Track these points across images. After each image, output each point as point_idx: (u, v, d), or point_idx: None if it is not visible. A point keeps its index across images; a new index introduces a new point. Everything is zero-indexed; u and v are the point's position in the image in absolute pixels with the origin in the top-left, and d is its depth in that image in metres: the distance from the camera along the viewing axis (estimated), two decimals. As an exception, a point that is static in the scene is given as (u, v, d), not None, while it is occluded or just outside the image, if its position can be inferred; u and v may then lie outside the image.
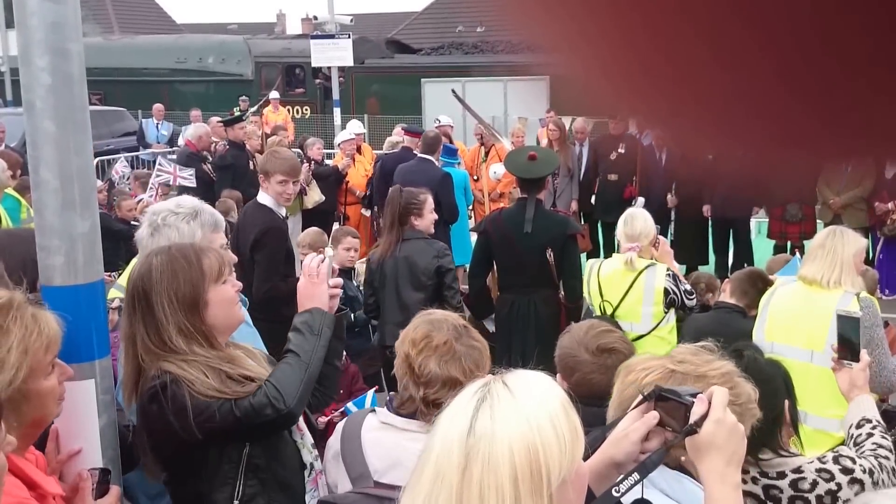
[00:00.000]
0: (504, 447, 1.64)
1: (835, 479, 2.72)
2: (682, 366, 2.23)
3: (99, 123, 18.96)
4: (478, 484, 1.63)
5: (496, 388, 1.72)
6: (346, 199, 11.69)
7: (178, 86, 25.34)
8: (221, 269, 2.75)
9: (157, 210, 3.47)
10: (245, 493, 2.67)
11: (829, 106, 0.43)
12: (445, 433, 1.71)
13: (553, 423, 1.67)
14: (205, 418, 2.55)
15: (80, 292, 2.67)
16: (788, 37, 0.41)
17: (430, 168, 9.16)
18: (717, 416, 1.86)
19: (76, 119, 2.61)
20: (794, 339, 4.35)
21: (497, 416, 1.67)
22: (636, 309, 5.38)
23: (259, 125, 14.45)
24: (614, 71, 0.47)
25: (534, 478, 1.63)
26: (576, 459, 1.69)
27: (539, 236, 6.11)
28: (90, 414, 2.72)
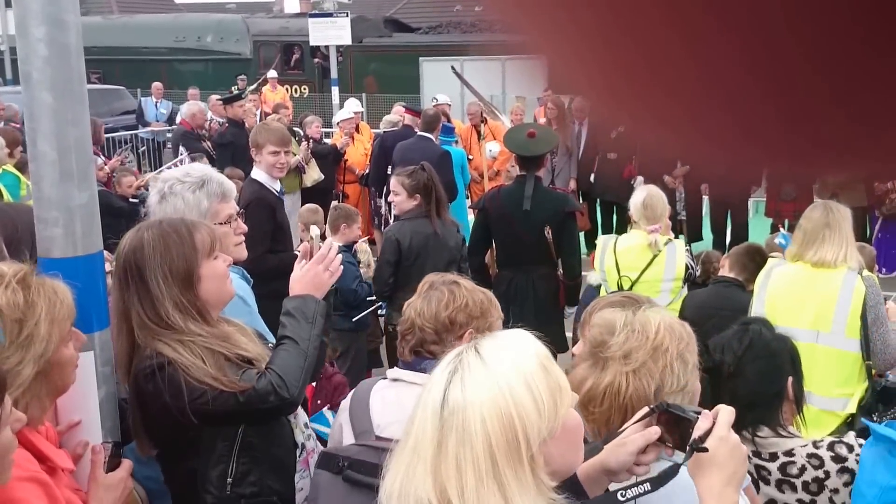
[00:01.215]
0: (476, 417, 1.64)
1: (824, 466, 2.70)
2: None
3: (98, 102, 18.91)
4: (454, 458, 1.64)
5: (468, 357, 1.72)
6: (345, 177, 11.68)
7: (176, 65, 25.26)
8: (213, 244, 2.73)
9: (166, 178, 3.46)
10: (237, 472, 2.68)
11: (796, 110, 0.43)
12: (423, 405, 1.72)
13: (528, 383, 1.68)
14: (203, 402, 2.55)
15: (79, 264, 2.65)
16: (757, 31, 0.41)
17: (429, 146, 9.17)
18: (720, 434, 1.84)
19: (73, 90, 2.59)
20: (799, 321, 4.34)
21: (468, 386, 1.67)
22: (656, 284, 5.40)
23: (257, 104, 14.42)
24: (583, 57, 0.46)
25: (510, 445, 1.63)
26: (559, 415, 1.69)
27: (538, 214, 6.11)
28: (89, 386, 2.70)
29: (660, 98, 0.45)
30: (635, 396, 2.08)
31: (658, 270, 5.40)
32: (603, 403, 2.12)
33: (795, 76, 0.41)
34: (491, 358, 1.71)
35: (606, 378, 2.11)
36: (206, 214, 3.32)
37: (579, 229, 7.42)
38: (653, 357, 2.09)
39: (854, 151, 0.44)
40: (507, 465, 1.63)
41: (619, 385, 2.09)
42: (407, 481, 1.70)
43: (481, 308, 2.83)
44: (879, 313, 4.34)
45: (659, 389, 2.07)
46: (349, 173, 11.64)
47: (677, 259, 5.42)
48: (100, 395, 2.74)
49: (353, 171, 11.56)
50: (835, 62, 0.40)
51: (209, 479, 2.68)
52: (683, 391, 2.10)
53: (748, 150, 0.45)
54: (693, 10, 0.41)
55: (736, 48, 0.41)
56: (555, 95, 12.42)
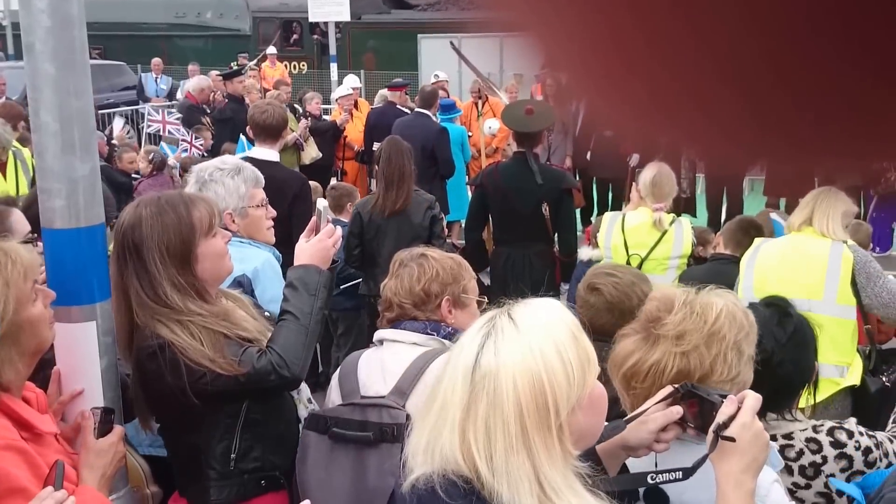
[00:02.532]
0: (508, 382, 1.65)
1: (822, 451, 2.63)
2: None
3: (99, 77, 18.84)
4: (483, 421, 1.65)
5: (501, 321, 1.72)
6: (344, 154, 11.69)
7: (176, 40, 25.18)
8: (212, 220, 2.72)
9: (204, 167, 3.65)
10: (241, 448, 2.70)
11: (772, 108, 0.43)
12: (453, 367, 1.73)
13: (559, 351, 1.68)
14: (203, 383, 2.56)
15: (82, 235, 2.67)
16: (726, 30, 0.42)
17: (426, 122, 9.17)
18: (744, 420, 1.84)
19: (76, 61, 2.60)
20: (791, 291, 4.38)
21: (501, 351, 1.68)
22: (664, 262, 5.44)
23: (257, 79, 14.40)
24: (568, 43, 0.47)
25: (540, 411, 1.64)
26: (587, 384, 1.71)
27: (535, 190, 6.13)
28: (91, 356, 2.73)
29: (628, 82, 0.46)
30: (678, 379, 1.99)
31: (666, 248, 5.43)
32: (646, 380, 2.04)
33: (760, 75, 0.42)
34: (524, 324, 1.71)
35: (654, 355, 2.03)
36: (245, 198, 3.56)
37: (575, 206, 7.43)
38: (707, 343, 2.01)
39: (833, 151, 0.45)
40: (537, 433, 1.64)
41: (665, 364, 2.01)
42: (434, 439, 1.71)
43: (453, 274, 2.90)
44: (872, 270, 4.37)
45: (707, 376, 1.99)
46: (348, 150, 11.64)
47: (685, 236, 5.45)
48: (101, 364, 2.75)
49: (352, 148, 11.56)
50: (798, 65, 0.41)
51: (213, 455, 2.69)
52: (733, 381, 2.02)
53: (723, 147, 0.46)
54: (660, 11, 0.42)
55: (703, 52, 0.42)
56: (554, 72, 12.39)
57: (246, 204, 3.58)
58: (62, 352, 2.73)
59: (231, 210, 3.51)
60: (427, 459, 1.72)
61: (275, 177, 5.88)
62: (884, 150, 0.44)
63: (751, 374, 2.10)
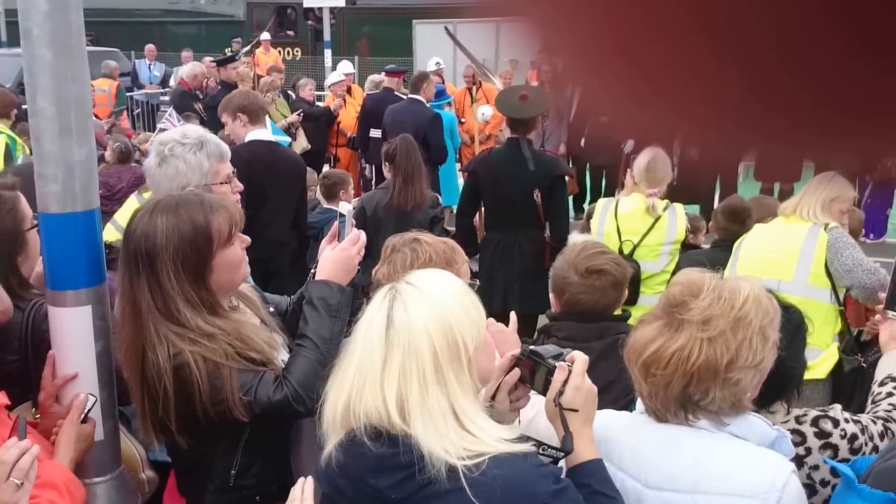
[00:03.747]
0: (421, 329, 1.88)
1: (806, 442, 2.59)
2: None
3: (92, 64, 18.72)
4: (399, 368, 1.86)
5: (402, 286, 1.96)
6: (338, 140, 11.68)
7: (169, 27, 25.13)
8: (231, 229, 2.56)
9: (164, 140, 3.42)
10: (241, 465, 2.64)
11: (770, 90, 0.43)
12: (366, 332, 1.93)
13: (458, 300, 1.95)
14: (221, 410, 2.47)
15: (78, 219, 2.66)
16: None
17: (419, 108, 9.16)
18: (577, 384, 2.07)
19: (73, 45, 2.59)
20: (762, 271, 4.40)
21: (410, 307, 1.91)
22: (657, 248, 5.45)
23: (251, 66, 14.37)
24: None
25: (452, 349, 1.88)
26: (482, 330, 1.97)
27: (528, 176, 6.14)
28: (86, 339, 2.73)
29: (624, 65, 0.47)
30: (704, 366, 1.98)
31: (659, 234, 5.44)
32: (668, 367, 2.02)
33: (762, 59, 0.42)
34: (423, 284, 1.96)
35: (679, 341, 2.01)
36: (207, 175, 3.35)
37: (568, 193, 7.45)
38: (733, 328, 1.98)
39: (832, 134, 0.45)
40: (451, 368, 1.87)
41: (689, 351, 1.99)
42: (355, 401, 1.90)
43: (445, 258, 2.90)
44: (840, 245, 4.38)
45: (731, 362, 1.98)
46: (341, 136, 11.63)
47: (678, 223, 5.46)
48: (97, 348, 2.76)
49: (345, 135, 11.55)
50: (801, 49, 0.42)
51: (213, 470, 2.64)
52: (757, 367, 2.01)
53: (724, 130, 0.47)
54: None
55: (709, 41, 0.43)
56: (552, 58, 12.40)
57: (209, 181, 3.35)
58: (57, 335, 2.73)
59: (193, 188, 3.22)
60: (348, 421, 1.90)
61: (287, 155, 6.09)
62: (884, 131, 0.44)
63: (773, 360, 2.08)
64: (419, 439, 1.82)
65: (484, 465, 1.79)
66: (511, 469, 1.81)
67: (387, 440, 1.86)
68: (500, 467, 1.80)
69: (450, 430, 1.83)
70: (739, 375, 1.99)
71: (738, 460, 2.02)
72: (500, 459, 1.81)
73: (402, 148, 6.15)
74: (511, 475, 1.80)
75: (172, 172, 3.30)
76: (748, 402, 2.07)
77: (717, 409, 2.04)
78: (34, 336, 2.83)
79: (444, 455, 1.80)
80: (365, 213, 6.05)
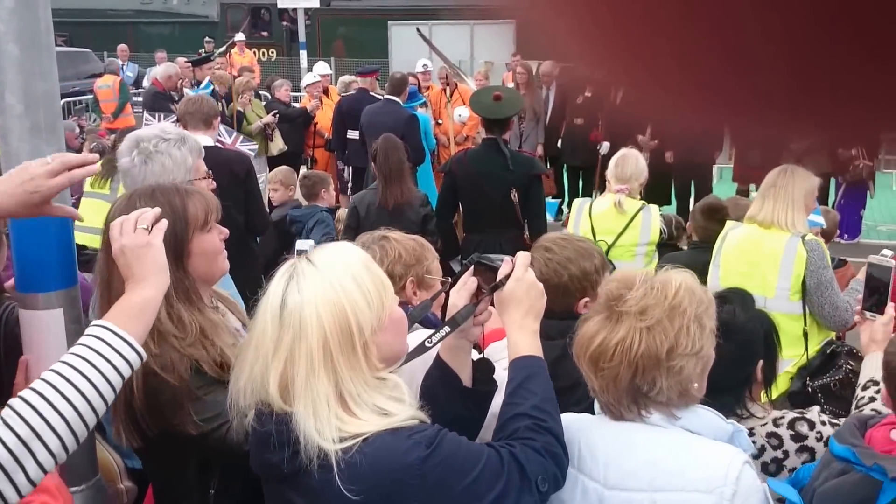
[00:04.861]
0: (312, 313, 1.86)
1: (783, 446, 2.64)
2: None
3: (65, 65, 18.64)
4: (288, 352, 1.86)
5: (301, 265, 1.94)
6: (314, 141, 11.62)
7: (142, 27, 24.98)
8: (207, 215, 2.53)
9: (145, 137, 3.35)
10: (221, 484, 2.52)
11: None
12: (263, 311, 1.93)
13: (356, 281, 1.91)
14: (177, 422, 2.37)
15: (49, 221, 2.58)
16: None
17: (396, 109, 9.13)
18: (518, 275, 2.12)
19: (41, 42, 2.55)
20: (749, 285, 4.39)
21: (304, 288, 1.89)
22: (632, 248, 5.43)
23: (225, 67, 14.29)
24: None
25: (343, 334, 1.86)
26: (385, 307, 1.93)
27: (504, 177, 6.13)
28: (59, 343, 2.65)
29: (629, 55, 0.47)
30: (646, 354, 2.02)
31: (634, 235, 5.42)
32: (613, 359, 2.06)
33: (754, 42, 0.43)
34: (322, 263, 1.93)
35: (619, 333, 2.06)
36: (192, 170, 3.34)
37: (545, 193, 7.44)
38: (669, 316, 2.03)
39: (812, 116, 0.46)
40: (341, 354, 1.86)
41: (631, 341, 2.04)
42: (250, 379, 1.91)
43: (415, 255, 2.91)
44: (823, 277, 4.34)
45: (672, 350, 2.01)
46: (318, 137, 11.57)
47: (652, 224, 5.45)
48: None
49: (322, 136, 11.49)
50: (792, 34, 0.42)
51: (189, 489, 2.54)
52: (697, 355, 2.04)
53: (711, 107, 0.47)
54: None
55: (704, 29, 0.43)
56: (523, 60, 12.43)
57: (192, 176, 3.34)
58: (29, 339, 2.68)
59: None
60: (246, 398, 1.92)
61: (222, 157, 5.80)
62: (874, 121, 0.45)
63: (712, 351, 2.12)
64: (297, 421, 1.83)
65: (355, 448, 1.80)
66: (381, 447, 1.81)
67: (273, 419, 1.88)
68: (371, 446, 1.81)
69: (331, 413, 1.82)
70: (682, 363, 2.02)
71: (692, 455, 2.03)
72: (372, 439, 1.81)
73: (381, 148, 6.23)
74: (380, 453, 1.80)
75: (159, 169, 3.24)
76: (696, 392, 2.09)
77: (667, 401, 2.06)
78: (7, 340, 2.78)
79: (318, 438, 1.80)
80: (359, 214, 6.14)
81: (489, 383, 2.22)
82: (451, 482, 1.85)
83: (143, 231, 2.16)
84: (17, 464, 1.85)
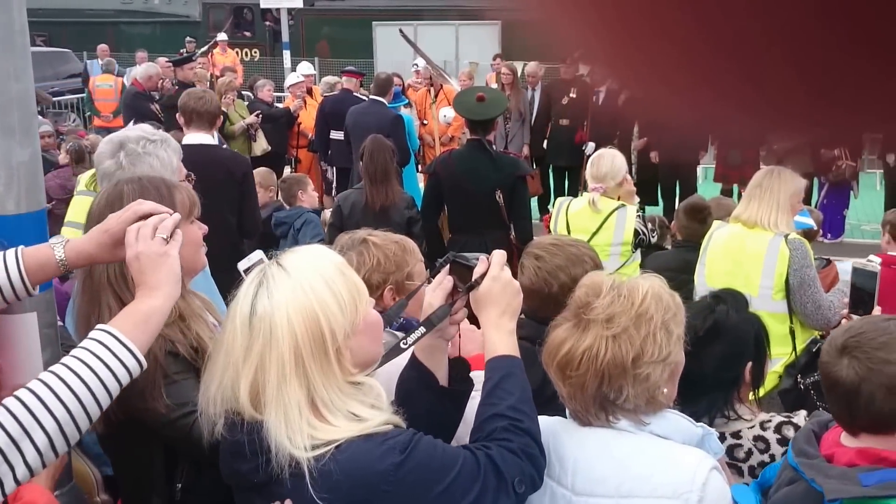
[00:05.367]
0: (283, 320, 1.83)
1: (770, 449, 2.64)
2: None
3: (44, 65, 18.55)
4: (258, 359, 1.83)
5: (271, 270, 1.90)
6: (298, 142, 11.56)
7: (123, 27, 24.82)
8: (192, 207, 2.56)
9: (131, 138, 3.33)
10: (188, 476, 2.49)
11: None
12: (232, 317, 1.90)
13: (329, 286, 1.87)
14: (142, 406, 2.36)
15: (22, 222, 2.58)
16: None
17: (381, 110, 9.11)
18: (493, 274, 2.09)
19: (15, 43, 2.51)
20: (733, 285, 4.38)
21: (274, 294, 1.85)
22: (606, 248, 5.41)
23: (207, 67, 14.22)
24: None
25: (315, 340, 1.83)
26: (360, 311, 1.90)
27: (489, 178, 6.10)
28: (33, 348, 2.62)
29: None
30: (612, 363, 2.02)
31: (608, 235, 5.40)
32: (580, 367, 2.05)
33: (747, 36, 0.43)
34: (293, 267, 1.89)
35: (586, 341, 2.05)
36: (176, 172, 3.32)
37: (531, 194, 7.43)
38: (635, 324, 2.03)
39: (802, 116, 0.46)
40: (313, 360, 1.83)
41: (597, 349, 2.03)
42: (219, 387, 1.88)
43: (395, 261, 2.84)
44: (806, 276, 4.36)
45: (638, 357, 2.01)
46: (302, 138, 11.52)
47: (626, 225, 5.42)
48: (44, 356, 2.63)
49: (306, 136, 11.44)
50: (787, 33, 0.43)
51: (155, 483, 2.52)
52: (664, 362, 2.04)
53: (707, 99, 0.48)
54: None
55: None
56: (505, 63, 12.44)
57: (176, 178, 3.24)
58: (2, 345, 2.63)
59: None
60: (217, 405, 1.88)
61: (219, 157, 5.78)
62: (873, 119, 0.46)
63: (681, 356, 2.12)
64: (269, 429, 1.80)
65: (328, 455, 1.77)
66: (354, 454, 1.79)
67: (244, 427, 1.85)
68: (344, 453, 1.78)
69: (303, 421, 1.80)
70: (648, 370, 2.01)
71: (659, 461, 2.02)
72: (345, 446, 1.79)
73: (368, 149, 6.25)
74: (353, 460, 1.78)
75: (147, 170, 3.18)
76: (664, 398, 2.09)
77: (634, 408, 2.06)
78: None
79: (289, 446, 1.77)
80: (342, 213, 6.18)
81: (465, 382, 2.21)
82: (426, 488, 1.83)
83: (161, 240, 2.15)
84: (6, 464, 1.85)
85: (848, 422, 2.25)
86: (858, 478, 2.11)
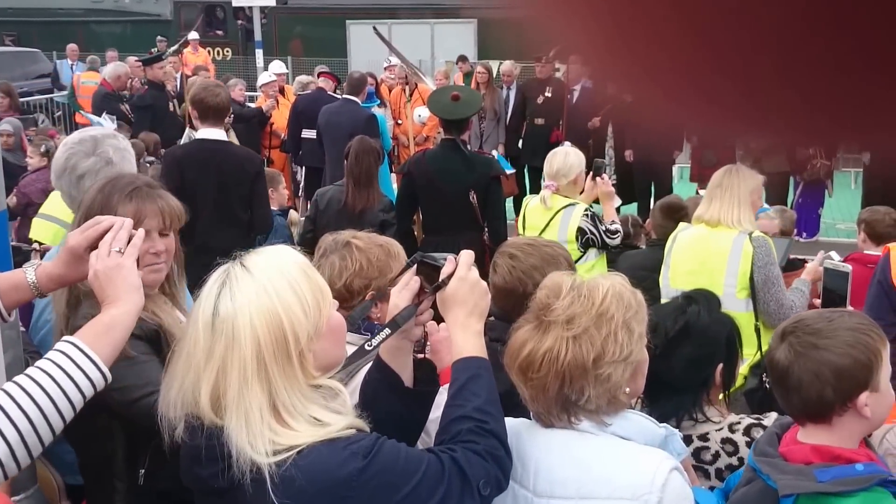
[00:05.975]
0: (245, 322, 1.80)
1: (738, 452, 2.64)
2: None
3: (13, 65, 18.39)
4: (220, 362, 1.80)
5: (235, 270, 1.88)
6: (271, 142, 11.46)
7: (93, 26, 24.58)
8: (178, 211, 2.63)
9: (106, 135, 3.39)
10: (152, 461, 2.45)
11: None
12: (194, 320, 1.87)
13: (292, 287, 1.85)
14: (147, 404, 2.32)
15: None
16: None
17: (355, 109, 9.06)
18: (461, 274, 2.08)
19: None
20: (698, 284, 4.35)
21: (237, 295, 1.83)
22: None
23: (177, 66, 14.08)
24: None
25: (278, 343, 1.81)
26: (323, 314, 1.88)
27: (463, 178, 6.06)
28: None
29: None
30: (573, 364, 2.01)
31: (552, 233, 5.38)
32: (541, 369, 2.04)
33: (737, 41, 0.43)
34: (256, 268, 1.87)
35: (547, 343, 2.05)
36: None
37: (507, 195, 7.39)
38: (596, 324, 2.02)
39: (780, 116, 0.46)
40: (275, 363, 1.80)
41: (558, 351, 2.02)
42: (180, 390, 1.85)
43: (378, 266, 2.80)
44: (770, 274, 4.36)
45: (599, 358, 2.00)
46: (275, 138, 11.43)
47: (570, 223, 5.39)
48: (6, 359, 2.63)
49: (279, 136, 11.35)
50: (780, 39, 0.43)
51: (117, 469, 2.51)
52: (626, 361, 2.03)
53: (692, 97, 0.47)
54: None
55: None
56: (474, 62, 12.42)
57: None
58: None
59: None
60: (175, 411, 1.86)
61: (234, 153, 5.81)
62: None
63: (644, 353, 2.12)
64: (230, 434, 1.78)
65: (290, 461, 1.75)
66: (316, 459, 1.77)
67: (205, 432, 1.83)
68: (306, 458, 1.76)
69: (265, 426, 1.77)
70: (609, 370, 2.01)
71: (619, 461, 2.02)
72: (307, 451, 1.77)
73: (353, 151, 6.25)
74: (315, 466, 1.76)
75: (129, 168, 3.27)
76: (626, 398, 2.09)
77: (596, 408, 2.05)
78: None
79: (250, 451, 1.75)
80: (318, 207, 6.25)
81: (431, 383, 2.19)
82: (390, 492, 1.82)
83: (116, 254, 2.19)
84: None
85: (787, 409, 2.27)
86: (814, 473, 2.12)
